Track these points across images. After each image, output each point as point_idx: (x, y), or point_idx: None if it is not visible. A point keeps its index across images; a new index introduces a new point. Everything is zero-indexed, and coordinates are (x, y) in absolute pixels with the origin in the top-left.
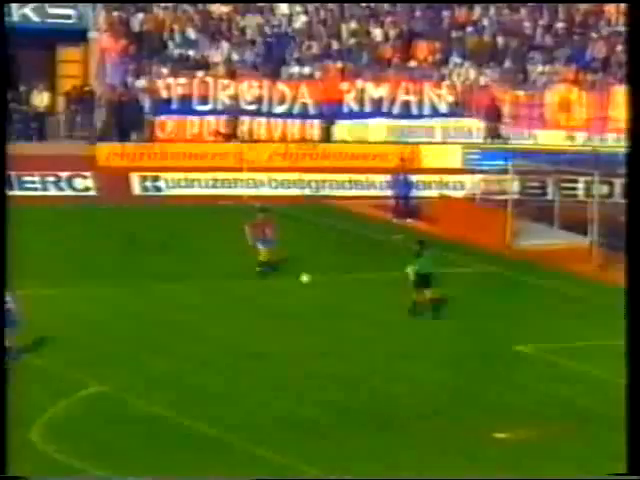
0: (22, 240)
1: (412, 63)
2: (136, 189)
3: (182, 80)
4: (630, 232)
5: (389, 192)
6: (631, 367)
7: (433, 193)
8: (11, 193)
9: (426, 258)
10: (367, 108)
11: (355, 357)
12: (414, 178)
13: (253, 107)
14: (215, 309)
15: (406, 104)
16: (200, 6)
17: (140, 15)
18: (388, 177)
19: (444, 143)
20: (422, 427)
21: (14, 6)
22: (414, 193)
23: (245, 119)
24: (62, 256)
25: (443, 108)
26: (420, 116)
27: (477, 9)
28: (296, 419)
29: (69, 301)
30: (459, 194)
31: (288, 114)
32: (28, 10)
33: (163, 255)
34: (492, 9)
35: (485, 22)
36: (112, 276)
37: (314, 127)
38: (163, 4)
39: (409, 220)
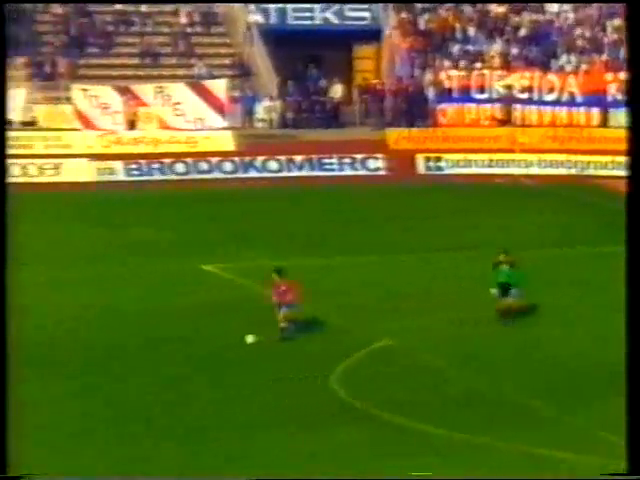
0: (307, 215)
1: None
2: (420, 169)
3: (462, 72)
4: (630, 231)
5: None
6: (630, 367)
7: None
8: (311, 174)
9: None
10: None
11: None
12: None
13: (525, 95)
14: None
15: None
16: (479, 6)
17: (426, 15)
18: None
19: None
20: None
21: (317, 10)
22: None
23: (518, 106)
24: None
25: None
26: None
27: None
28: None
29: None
30: None
31: (556, 102)
32: (329, 14)
33: (431, 228)
34: None
35: None
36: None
37: (580, 114)
38: (446, 5)
39: None
